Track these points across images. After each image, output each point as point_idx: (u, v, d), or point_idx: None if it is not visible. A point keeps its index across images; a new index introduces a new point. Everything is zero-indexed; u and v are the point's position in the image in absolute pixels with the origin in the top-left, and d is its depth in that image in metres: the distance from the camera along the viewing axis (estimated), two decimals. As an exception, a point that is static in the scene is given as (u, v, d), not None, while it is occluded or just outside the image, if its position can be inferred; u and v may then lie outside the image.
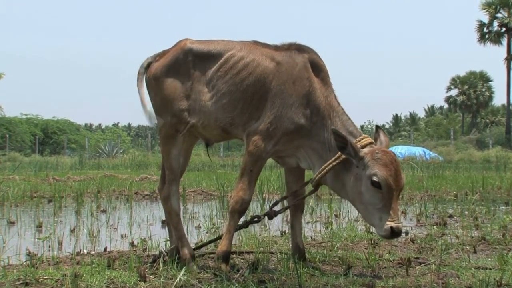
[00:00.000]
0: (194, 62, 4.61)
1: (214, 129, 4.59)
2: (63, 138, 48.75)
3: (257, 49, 4.57)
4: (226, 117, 4.48)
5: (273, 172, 14.35)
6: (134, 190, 12.38)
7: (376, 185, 4.00)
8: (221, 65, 4.53)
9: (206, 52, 4.62)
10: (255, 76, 4.42)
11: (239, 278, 4.11)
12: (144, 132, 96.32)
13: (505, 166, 21.39)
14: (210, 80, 4.53)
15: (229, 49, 4.59)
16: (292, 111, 4.32)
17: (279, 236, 6.47)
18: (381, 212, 4.02)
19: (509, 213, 8.09)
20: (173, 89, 4.62)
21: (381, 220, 4.01)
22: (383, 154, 4.08)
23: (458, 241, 5.87)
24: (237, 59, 4.51)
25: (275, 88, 4.37)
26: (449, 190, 11.76)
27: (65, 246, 6.04)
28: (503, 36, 50.03)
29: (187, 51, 4.64)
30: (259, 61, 4.47)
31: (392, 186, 4.00)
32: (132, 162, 27.72)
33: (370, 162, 4.06)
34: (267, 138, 4.32)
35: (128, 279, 4.15)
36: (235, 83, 4.45)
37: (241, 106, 4.44)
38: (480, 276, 4.15)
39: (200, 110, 4.55)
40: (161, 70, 4.69)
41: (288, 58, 4.46)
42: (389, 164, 4.03)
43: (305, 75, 4.40)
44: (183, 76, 4.61)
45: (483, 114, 71.12)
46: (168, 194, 4.73)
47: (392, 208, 3.99)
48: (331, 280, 4.03)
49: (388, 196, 4.00)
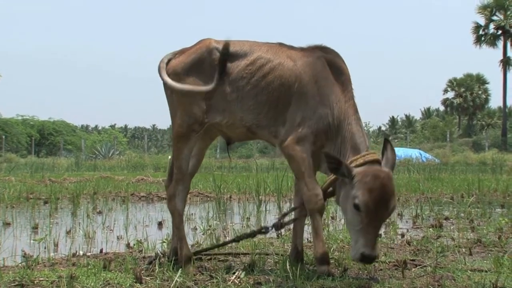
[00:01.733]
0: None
1: (239, 128, 4.55)
2: (59, 139, 48.75)
3: (283, 51, 4.54)
4: (252, 119, 4.46)
5: (269, 174, 14.34)
6: (131, 191, 12.38)
7: (357, 208, 3.95)
8: (246, 66, 4.48)
9: (233, 52, 4.55)
10: (281, 80, 4.40)
11: (235, 280, 4.11)
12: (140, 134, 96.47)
13: (501, 169, 21.41)
14: (235, 80, 4.47)
15: (255, 50, 4.55)
16: (318, 112, 4.32)
17: (276, 238, 6.47)
18: (358, 234, 3.97)
19: (504, 216, 8.10)
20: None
21: (356, 242, 3.98)
22: (372, 178, 3.97)
23: (454, 243, 5.87)
24: (264, 61, 4.47)
25: (299, 90, 4.36)
26: (445, 192, 11.78)
27: (61, 247, 6.02)
28: (499, 39, 50.21)
29: (212, 49, 4.56)
30: (284, 64, 4.45)
31: (372, 212, 3.91)
32: (129, 163, 27.70)
33: (357, 184, 3.99)
34: (300, 140, 4.31)
35: (124, 281, 4.14)
36: (261, 86, 4.43)
37: (267, 109, 4.43)
38: (475, 279, 4.15)
39: (224, 109, 4.51)
40: (182, 67, 4.62)
41: (308, 59, 4.45)
42: (374, 190, 3.92)
43: (324, 74, 4.39)
44: (206, 75, 4.53)
45: (479, 117, 71.31)
46: (173, 193, 4.68)
47: (368, 233, 3.93)
48: (327, 282, 4.03)
49: (367, 221, 3.92)
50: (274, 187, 10.91)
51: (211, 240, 5.96)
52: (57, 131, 53.62)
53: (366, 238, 3.94)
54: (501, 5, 49.38)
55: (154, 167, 25.46)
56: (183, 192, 4.74)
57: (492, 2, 49.75)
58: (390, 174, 4.07)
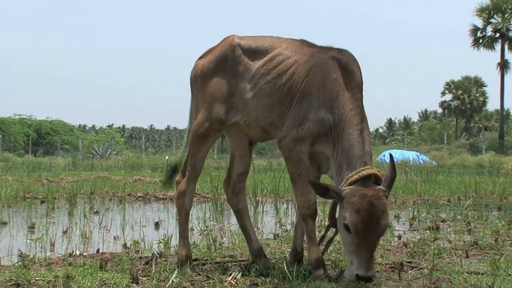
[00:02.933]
0: (241, 58, 4.53)
1: (255, 128, 4.52)
2: (56, 139, 48.67)
3: (302, 49, 4.45)
4: (266, 118, 4.41)
5: (267, 175, 14.34)
6: (128, 191, 12.37)
7: (346, 229, 3.90)
8: (265, 63, 4.44)
9: (254, 48, 4.54)
10: (293, 79, 4.33)
11: (231, 281, 4.11)
12: (138, 134, 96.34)
13: (498, 171, 21.46)
14: (253, 77, 4.45)
15: (276, 47, 4.50)
16: (320, 114, 4.21)
17: (272, 239, 6.47)
18: (352, 256, 3.90)
19: (501, 218, 8.11)
20: (218, 87, 4.54)
21: (351, 264, 3.92)
22: (360, 198, 3.86)
23: (450, 245, 5.88)
24: (281, 59, 4.41)
25: (306, 88, 4.27)
26: (442, 195, 11.79)
27: (57, 247, 6.03)
28: (497, 42, 50.24)
29: (235, 46, 4.56)
30: (299, 61, 4.36)
31: (361, 233, 3.83)
32: (126, 163, 27.71)
33: (346, 204, 3.91)
34: (299, 140, 4.23)
35: (121, 281, 4.13)
36: (275, 85, 4.37)
37: (279, 109, 4.36)
38: (472, 281, 4.15)
39: (243, 108, 4.48)
40: (208, 67, 4.62)
41: (321, 57, 4.34)
42: (362, 210, 3.82)
43: (332, 76, 4.25)
44: (229, 72, 4.53)
45: (476, 119, 71.38)
46: (184, 190, 4.66)
47: (361, 254, 3.85)
48: (323, 283, 4.03)
49: (358, 241, 3.84)
50: (271, 188, 10.92)
51: (208, 240, 5.95)
52: (54, 130, 53.53)
53: (359, 259, 3.86)
54: (498, 8, 49.43)
55: (152, 167, 25.45)
56: (193, 191, 4.76)
57: (490, 5, 49.80)
58: (380, 193, 3.91)
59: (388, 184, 4.00)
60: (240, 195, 4.92)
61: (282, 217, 8.61)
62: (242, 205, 4.92)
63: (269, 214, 9.19)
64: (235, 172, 4.93)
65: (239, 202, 4.92)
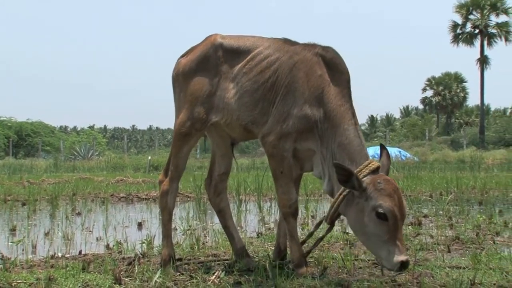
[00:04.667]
0: (223, 57, 4.53)
1: (237, 128, 4.51)
2: (37, 141, 48.30)
3: (285, 47, 4.44)
4: (247, 116, 4.40)
5: (250, 174, 14.35)
6: (110, 192, 12.33)
7: (382, 217, 3.75)
8: (247, 62, 4.44)
9: (236, 47, 4.54)
10: (276, 76, 4.32)
11: (215, 280, 4.10)
12: (120, 134, 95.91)
13: (479, 166, 21.62)
14: (235, 77, 4.45)
15: (258, 46, 4.50)
16: (305, 110, 4.18)
17: (255, 237, 6.47)
18: (388, 244, 3.75)
19: (482, 213, 8.18)
20: (200, 86, 4.54)
21: (389, 253, 3.74)
22: (386, 183, 3.84)
23: (432, 240, 5.92)
24: (263, 57, 4.42)
25: (290, 85, 4.26)
26: (424, 190, 11.86)
27: (39, 249, 5.99)
28: (476, 38, 50.63)
29: (217, 46, 4.56)
30: (282, 59, 4.36)
31: (398, 217, 3.76)
32: (108, 164, 27.58)
33: (373, 193, 3.81)
34: (282, 136, 4.21)
35: (103, 282, 4.11)
36: (258, 82, 4.36)
37: (261, 105, 4.36)
38: (454, 275, 4.18)
39: (224, 107, 4.48)
40: (189, 65, 4.62)
41: (305, 54, 4.32)
42: (393, 194, 3.79)
43: (317, 72, 4.24)
44: (211, 71, 4.53)
45: (457, 115, 71.95)
46: (167, 190, 4.66)
47: (398, 239, 3.74)
48: (307, 281, 4.03)
49: (394, 227, 3.74)
50: (255, 187, 10.93)
51: (191, 240, 5.93)
52: (35, 132, 53.08)
53: (400, 244, 3.75)
54: (477, 4, 49.80)
55: (134, 168, 25.36)
56: (177, 190, 4.75)
57: (469, 2, 50.17)
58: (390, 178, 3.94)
59: (386, 171, 4.05)
60: (222, 195, 4.92)
61: (265, 216, 8.62)
62: (224, 205, 4.92)
63: (252, 213, 9.19)
64: (217, 171, 4.93)
65: (221, 201, 4.91)
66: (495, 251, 5.29)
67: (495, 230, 6.56)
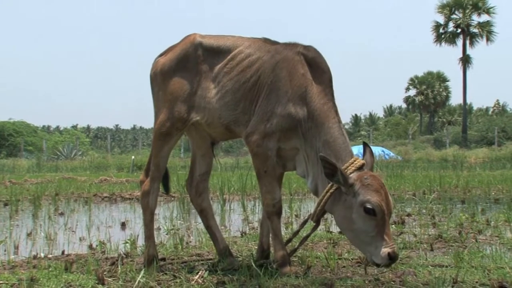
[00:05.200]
0: (203, 57, 4.53)
1: (218, 127, 4.50)
2: (19, 140, 47.88)
3: (265, 46, 4.46)
4: (229, 115, 4.40)
5: (234, 173, 14.34)
6: (93, 192, 12.27)
7: (370, 212, 3.79)
8: (227, 62, 4.45)
9: (216, 47, 4.54)
10: (258, 75, 4.33)
11: (198, 280, 4.09)
12: (103, 134, 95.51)
13: (461, 165, 21.77)
14: (216, 76, 4.46)
15: (238, 45, 4.50)
16: (288, 109, 4.19)
17: (239, 236, 6.47)
18: (376, 239, 3.81)
19: (465, 211, 8.23)
20: (180, 85, 4.53)
21: (377, 248, 3.79)
22: (372, 179, 3.89)
23: (415, 239, 5.95)
24: (244, 56, 4.43)
25: (273, 84, 4.26)
26: (408, 189, 11.93)
27: (21, 250, 5.95)
28: (458, 37, 50.94)
29: (197, 45, 4.56)
30: (263, 58, 4.37)
31: (385, 212, 3.82)
32: (91, 164, 27.45)
33: (360, 189, 3.86)
34: (266, 136, 4.22)
35: (86, 282, 4.10)
36: (239, 81, 4.37)
37: (243, 105, 4.36)
38: (436, 274, 4.21)
39: (205, 107, 4.47)
40: (169, 65, 4.61)
41: (287, 54, 4.33)
42: (380, 189, 3.85)
43: (300, 71, 4.26)
44: (191, 71, 4.53)
45: (440, 114, 72.44)
46: (148, 190, 4.65)
47: (385, 233, 3.80)
48: (290, 280, 4.04)
49: (382, 222, 3.80)
50: (239, 186, 10.92)
51: (175, 240, 5.92)
52: (17, 132, 52.60)
53: (388, 238, 3.81)
54: (460, 4, 50.09)
55: (117, 167, 25.24)
56: (158, 190, 4.73)
57: (451, 1, 50.47)
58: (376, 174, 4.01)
59: (370, 169, 4.09)
60: (203, 195, 4.91)
61: (249, 215, 8.62)
62: (206, 205, 4.91)
63: (236, 212, 9.19)
64: (197, 171, 4.92)
65: (203, 201, 4.90)
66: (477, 249, 5.33)
67: (477, 229, 6.61)
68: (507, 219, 7.24)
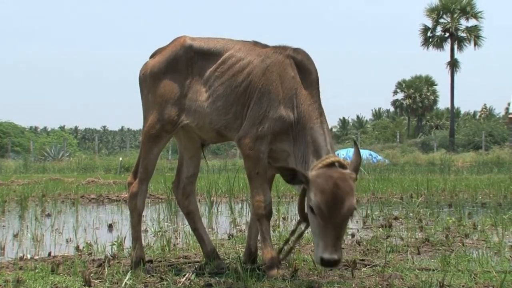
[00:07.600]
0: (194, 59, 4.53)
1: (209, 131, 4.50)
2: (6, 141, 47.63)
3: (255, 50, 4.48)
4: (220, 120, 4.41)
5: (221, 175, 14.33)
6: (81, 193, 12.22)
7: (312, 211, 3.82)
8: (219, 65, 4.45)
9: (206, 50, 4.53)
10: (250, 79, 4.34)
11: (185, 282, 4.09)
12: (91, 135, 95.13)
13: (449, 169, 21.86)
14: (207, 80, 4.45)
15: (229, 48, 4.51)
16: (280, 112, 4.22)
17: (227, 239, 6.46)
18: (318, 238, 3.82)
19: (452, 215, 8.27)
20: (170, 88, 4.52)
21: (317, 246, 3.80)
22: (324, 179, 3.82)
23: (402, 243, 5.97)
24: (235, 60, 4.43)
25: (264, 87, 4.28)
26: (395, 193, 11.95)
27: (7, 251, 5.92)
28: (446, 41, 51.21)
29: (188, 47, 4.55)
30: (254, 62, 4.38)
31: (325, 214, 3.74)
32: (79, 165, 27.30)
33: (311, 186, 3.85)
34: (258, 139, 4.24)
35: (73, 284, 4.09)
36: (231, 86, 4.38)
37: (235, 109, 4.37)
38: (423, 277, 4.23)
39: (195, 110, 4.47)
40: (158, 67, 4.59)
41: (277, 57, 4.36)
42: (326, 191, 3.76)
43: (290, 74, 4.29)
44: (181, 74, 4.52)
45: (428, 118, 72.79)
46: (136, 192, 4.63)
47: (326, 236, 3.73)
48: (277, 283, 4.04)
49: (323, 223, 3.75)
50: (226, 188, 10.91)
51: (162, 242, 5.91)
52: (4, 132, 52.34)
53: (325, 241, 3.75)
54: (447, 8, 50.38)
55: (105, 169, 25.15)
56: (146, 192, 4.72)
57: (439, 5, 50.75)
58: (346, 175, 3.87)
59: (354, 167, 4.01)
60: (190, 197, 4.90)
61: (237, 217, 8.61)
62: (193, 207, 4.90)
63: (224, 214, 9.19)
64: (185, 174, 4.91)
65: (190, 204, 4.89)
66: (464, 253, 5.36)
67: (464, 232, 6.64)
68: (493, 223, 7.27)
